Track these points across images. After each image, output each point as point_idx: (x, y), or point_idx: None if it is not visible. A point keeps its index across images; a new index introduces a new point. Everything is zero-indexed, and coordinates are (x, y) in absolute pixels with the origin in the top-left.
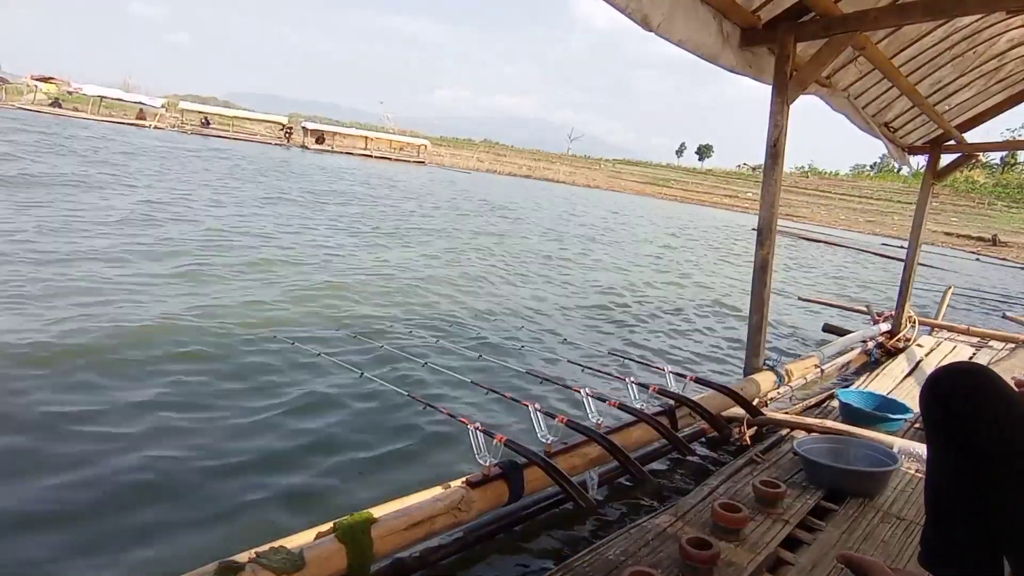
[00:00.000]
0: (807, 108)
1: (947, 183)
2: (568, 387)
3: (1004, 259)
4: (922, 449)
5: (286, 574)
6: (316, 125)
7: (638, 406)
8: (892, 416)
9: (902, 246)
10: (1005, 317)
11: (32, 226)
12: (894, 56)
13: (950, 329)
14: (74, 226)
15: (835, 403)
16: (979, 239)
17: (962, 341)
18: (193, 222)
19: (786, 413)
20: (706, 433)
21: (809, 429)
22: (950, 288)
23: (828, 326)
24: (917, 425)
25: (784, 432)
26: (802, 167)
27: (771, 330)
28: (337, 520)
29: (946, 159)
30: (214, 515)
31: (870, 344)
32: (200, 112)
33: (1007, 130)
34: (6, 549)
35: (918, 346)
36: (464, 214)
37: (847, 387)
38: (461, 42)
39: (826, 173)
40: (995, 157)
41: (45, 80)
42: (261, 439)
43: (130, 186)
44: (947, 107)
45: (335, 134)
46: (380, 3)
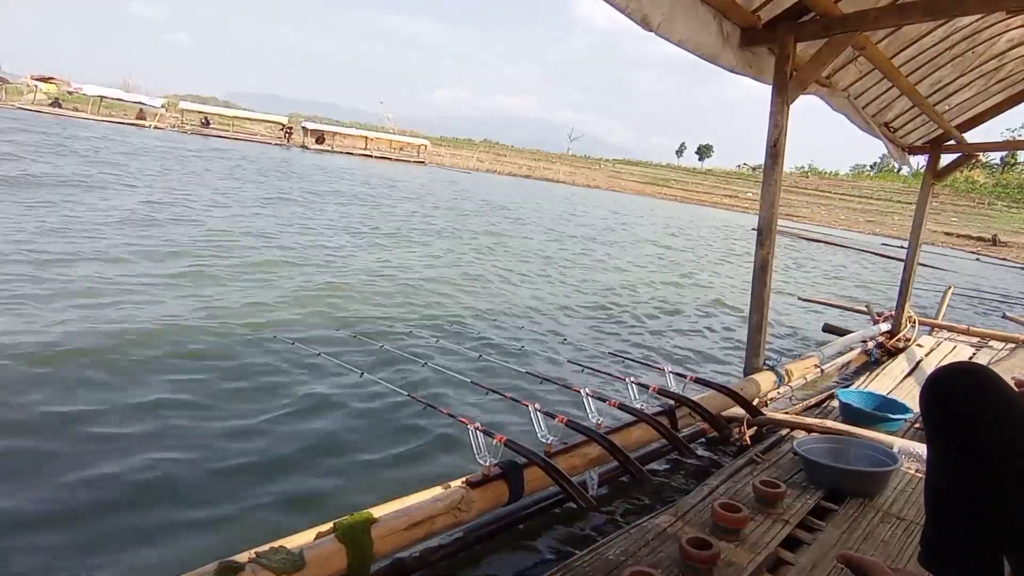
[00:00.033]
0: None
1: (947, 183)
2: (568, 387)
3: (1004, 259)
4: (922, 449)
5: (286, 574)
6: (316, 125)
7: (638, 406)
8: (892, 416)
9: (902, 246)
10: (1005, 317)
11: (33, 226)
12: (894, 56)
13: (950, 329)
14: (75, 227)
15: (835, 403)
16: (979, 239)
17: (962, 341)
18: (194, 223)
19: (786, 413)
20: (706, 433)
21: (809, 429)
22: (950, 288)
23: (828, 326)
24: (917, 425)
25: (784, 432)
26: (802, 167)
27: (771, 330)
28: (337, 520)
29: (946, 159)
30: (214, 515)
31: (870, 344)
32: (200, 112)
33: (1007, 130)
34: (8, 549)
35: (918, 346)
36: (464, 214)
37: (847, 387)
38: (461, 42)
39: (826, 173)
40: (995, 157)
41: (45, 80)
42: (261, 439)
43: (131, 186)
44: (947, 107)
45: (335, 134)
46: (380, 3)
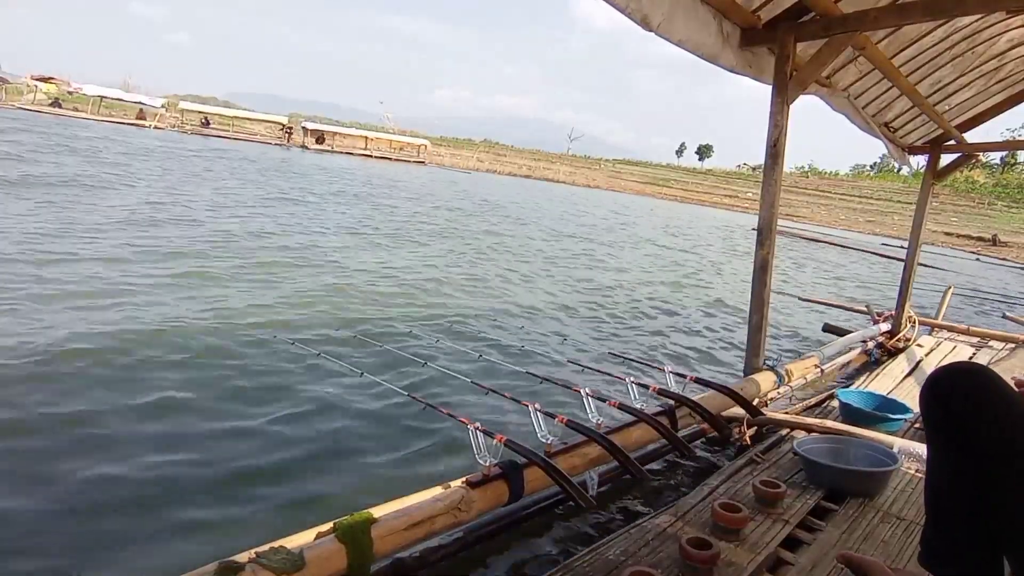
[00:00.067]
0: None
1: (947, 183)
2: (568, 387)
3: (1004, 259)
4: (922, 449)
5: (286, 574)
6: (316, 125)
7: (638, 406)
8: (892, 416)
9: (902, 246)
10: (1005, 317)
11: (34, 227)
12: (894, 56)
13: (950, 329)
14: (76, 227)
15: (835, 403)
16: (979, 239)
17: (962, 341)
18: (194, 223)
19: (786, 413)
20: (706, 433)
21: (809, 429)
22: (950, 288)
23: (828, 326)
24: (917, 425)
25: (784, 432)
26: (802, 167)
27: (771, 330)
28: (337, 520)
29: (946, 159)
30: (213, 515)
31: (870, 344)
32: (200, 112)
33: (1007, 130)
34: (9, 549)
35: (918, 346)
36: (465, 214)
37: (847, 387)
38: (461, 42)
39: (826, 173)
40: (995, 157)
41: (45, 80)
42: (261, 439)
43: (131, 187)
44: (947, 107)
45: (335, 134)
46: (380, 3)
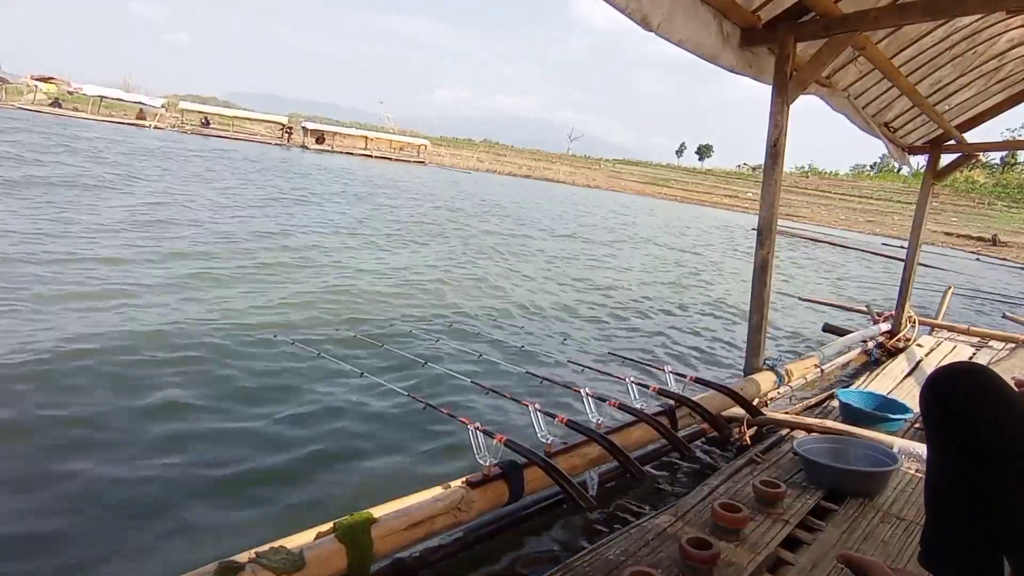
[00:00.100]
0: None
1: (947, 183)
2: (568, 387)
3: (1004, 259)
4: (922, 449)
5: (286, 574)
6: (316, 125)
7: (638, 406)
8: (892, 416)
9: (902, 246)
10: (1005, 317)
11: (36, 228)
12: (894, 56)
13: (950, 329)
14: (76, 228)
15: (835, 403)
16: (979, 239)
17: (962, 341)
18: (194, 224)
19: (786, 413)
20: (706, 433)
21: (809, 429)
22: (950, 288)
23: (828, 326)
24: (917, 425)
25: (784, 432)
26: (802, 167)
27: (771, 330)
28: (337, 520)
29: (946, 159)
30: (213, 515)
31: (870, 344)
32: (200, 112)
33: (1007, 130)
34: (10, 550)
35: (918, 346)
36: (465, 214)
37: (847, 387)
38: (461, 42)
39: (826, 173)
40: (995, 157)
41: (45, 80)
42: (261, 439)
43: (132, 187)
44: (947, 107)
45: (335, 134)
46: (380, 3)
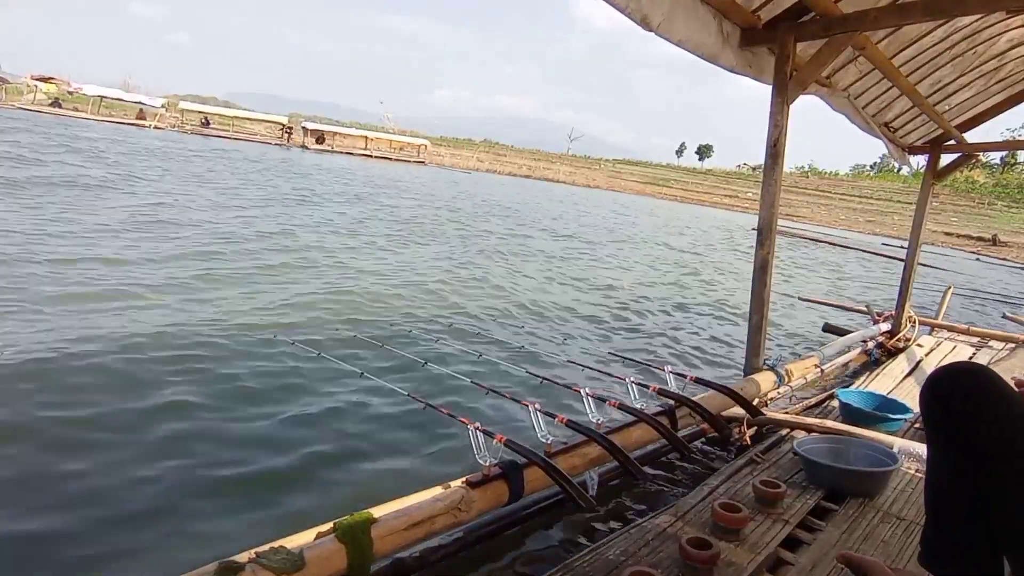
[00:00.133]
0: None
1: (947, 183)
2: (568, 387)
3: (1004, 259)
4: (922, 449)
5: (286, 574)
6: (316, 125)
7: (638, 406)
8: (892, 416)
9: (902, 246)
10: (1005, 317)
11: (36, 228)
12: (894, 56)
13: (950, 329)
14: (77, 229)
15: (835, 403)
16: (979, 239)
17: (962, 341)
18: (195, 224)
19: (786, 413)
20: (706, 433)
21: (809, 429)
22: (950, 288)
23: (828, 326)
24: (917, 425)
25: (784, 432)
26: (802, 167)
27: (771, 330)
28: (337, 520)
29: (946, 159)
30: (212, 515)
31: (870, 344)
32: (200, 112)
33: (1007, 130)
34: (10, 550)
35: (918, 346)
36: (465, 214)
37: (847, 387)
38: (461, 42)
39: (826, 173)
40: (995, 157)
41: (45, 80)
42: (260, 439)
43: (133, 188)
44: (947, 107)
45: (335, 134)
46: (380, 3)
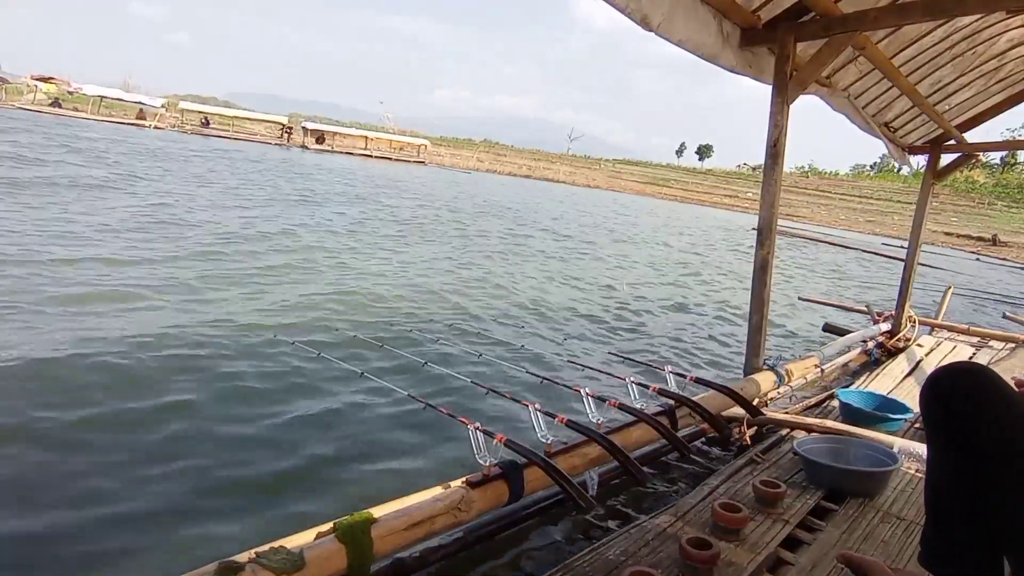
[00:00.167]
0: (807, 108)
1: (947, 183)
2: (568, 387)
3: (1004, 259)
4: (922, 449)
5: (286, 574)
6: (316, 125)
7: (638, 406)
8: (892, 416)
9: (902, 246)
10: (1005, 317)
11: (37, 229)
12: (894, 56)
13: (950, 329)
14: (78, 229)
15: (835, 403)
16: (979, 239)
17: (962, 341)
18: (195, 225)
19: (786, 413)
20: (706, 433)
21: (809, 429)
22: (950, 288)
23: (828, 326)
24: (917, 425)
25: (784, 432)
26: (802, 167)
27: (771, 330)
28: (337, 520)
29: (946, 159)
30: (212, 515)
31: (870, 344)
32: (200, 112)
33: (1007, 130)
34: (10, 550)
35: (918, 346)
36: (465, 215)
37: (847, 387)
38: (461, 42)
39: (826, 173)
40: (995, 157)
41: (45, 80)
42: (261, 440)
43: (133, 188)
44: (947, 107)
45: (335, 134)
46: (380, 3)
